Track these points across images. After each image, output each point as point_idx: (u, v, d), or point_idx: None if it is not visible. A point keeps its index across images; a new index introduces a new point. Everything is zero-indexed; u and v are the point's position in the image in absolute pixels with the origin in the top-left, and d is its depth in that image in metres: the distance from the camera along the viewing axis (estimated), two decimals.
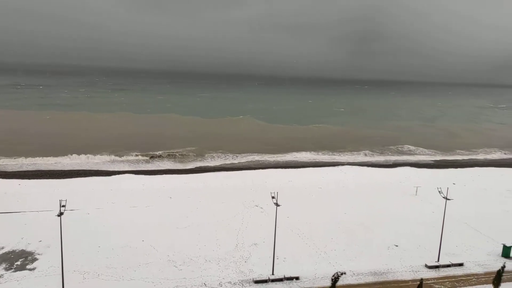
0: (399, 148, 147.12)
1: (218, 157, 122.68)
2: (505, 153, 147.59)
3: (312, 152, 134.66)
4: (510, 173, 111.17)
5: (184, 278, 48.11)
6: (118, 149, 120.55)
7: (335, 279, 39.29)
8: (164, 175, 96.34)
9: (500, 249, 58.57)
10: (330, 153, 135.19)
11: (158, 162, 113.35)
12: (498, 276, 43.28)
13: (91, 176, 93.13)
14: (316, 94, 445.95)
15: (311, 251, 56.52)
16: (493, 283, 43.63)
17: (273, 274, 49.27)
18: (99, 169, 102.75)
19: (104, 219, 65.20)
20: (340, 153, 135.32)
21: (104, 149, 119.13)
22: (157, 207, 71.76)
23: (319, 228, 64.71)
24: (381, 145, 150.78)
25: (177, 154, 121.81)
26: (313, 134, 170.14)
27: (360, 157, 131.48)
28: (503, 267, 45.05)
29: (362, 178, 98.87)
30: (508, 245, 58.30)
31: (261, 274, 49.19)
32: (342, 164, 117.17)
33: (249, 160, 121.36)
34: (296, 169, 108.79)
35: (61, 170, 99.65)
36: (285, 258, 53.73)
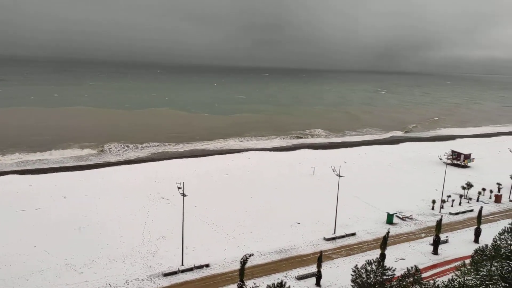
0: (301, 132, 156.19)
1: (119, 150, 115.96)
2: (387, 132, 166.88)
3: (220, 140, 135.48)
4: (390, 150, 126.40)
5: (86, 281, 44.92)
6: None
7: (244, 261, 40.49)
8: (56, 173, 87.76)
9: (385, 217, 66.54)
10: (236, 139, 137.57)
11: (49, 159, 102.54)
12: (384, 241, 49.15)
13: None
14: (222, 83, 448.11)
15: (220, 237, 57.33)
16: (381, 247, 49.42)
17: (182, 264, 48.85)
18: None
19: None
20: (245, 140, 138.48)
21: None
22: (49, 209, 65.22)
23: (226, 214, 65.82)
24: (283, 129, 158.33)
25: (72, 149, 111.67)
26: (218, 123, 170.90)
27: (264, 142, 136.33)
28: (388, 232, 51.23)
29: (265, 162, 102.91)
30: (391, 213, 66.56)
31: (170, 267, 48.37)
32: (247, 150, 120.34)
33: (152, 151, 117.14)
34: (202, 157, 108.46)
35: None
36: (194, 247, 53.59)
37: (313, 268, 48.15)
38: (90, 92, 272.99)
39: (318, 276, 46.12)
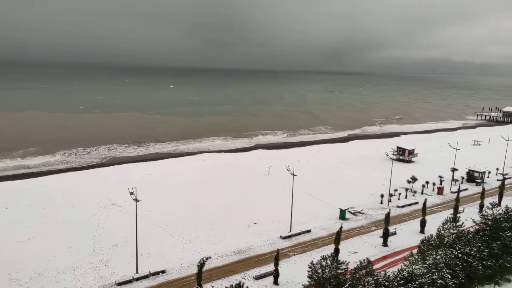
0: (256, 132, 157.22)
1: (66, 155, 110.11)
2: (337, 131, 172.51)
3: (175, 142, 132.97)
4: (341, 147, 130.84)
5: None
6: None
7: (201, 265, 39.99)
8: None
9: (338, 213, 68.70)
10: (191, 141, 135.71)
11: None
12: (338, 236, 50.72)
13: None
14: (177, 85, 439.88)
15: (176, 242, 56.22)
16: (335, 242, 50.95)
17: (137, 272, 47.31)
18: None
19: None
20: (201, 142, 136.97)
21: None
22: None
23: (182, 218, 64.71)
24: (240, 131, 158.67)
25: (13, 157, 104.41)
26: (174, 125, 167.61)
27: (220, 144, 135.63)
28: (341, 228, 52.92)
29: (220, 164, 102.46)
30: (343, 208, 68.87)
31: (124, 275, 46.65)
32: (203, 152, 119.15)
33: (102, 156, 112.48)
34: (156, 161, 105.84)
35: None
36: (149, 254, 52.12)
37: (270, 267, 48.59)
38: (33, 96, 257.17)
39: (275, 274, 46.64)
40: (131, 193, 47.57)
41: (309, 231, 61.82)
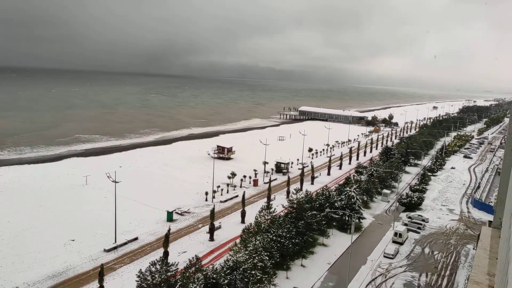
0: (68, 139, 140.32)
1: None
2: (164, 133, 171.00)
3: None
4: (164, 149, 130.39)
5: None
6: None
7: None
8: None
9: (165, 216, 68.27)
10: None
11: None
12: (166, 239, 50.45)
13: None
14: None
15: None
16: (163, 246, 50.50)
17: None
18: None
19: None
20: None
21: None
22: None
23: None
24: (47, 137, 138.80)
25: None
26: None
27: (20, 154, 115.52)
28: (169, 230, 52.91)
29: (23, 178, 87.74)
30: (170, 210, 68.90)
31: None
32: None
33: None
34: None
35: None
36: None
37: (95, 285, 44.56)
38: None
39: None
40: None
41: (136, 238, 59.42)
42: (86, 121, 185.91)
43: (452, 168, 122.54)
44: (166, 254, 49.19)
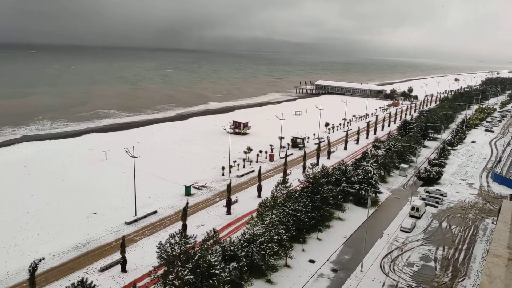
0: (90, 114, 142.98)
1: None
2: (182, 108, 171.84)
3: None
4: (181, 125, 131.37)
5: None
6: None
7: (33, 268, 35.00)
8: None
9: (183, 190, 69.48)
10: (3, 130, 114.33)
11: None
12: (184, 212, 51.55)
13: None
14: None
15: None
16: (182, 219, 51.66)
17: None
18: None
19: None
20: (20, 128, 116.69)
21: None
22: None
23: (4, 220, 55.00)
24: (67, 114, 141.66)
25: None
26: None
27: (42, 130, 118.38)
28: (187, 204, 53.91)
29: (45, 153, 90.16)
30: (188, 185, 70.00)
31: None
32: (19, 141, 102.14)
33: None
34: None
35: None
36: None
37: (117, 256, 46.22)
38: None
39: (123, 262, 44.64)
40: None
41: (155, 212, 60.87)
42: (112, 98, 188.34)
43: (473, 142, 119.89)
44: (184, 227, 50.33)
